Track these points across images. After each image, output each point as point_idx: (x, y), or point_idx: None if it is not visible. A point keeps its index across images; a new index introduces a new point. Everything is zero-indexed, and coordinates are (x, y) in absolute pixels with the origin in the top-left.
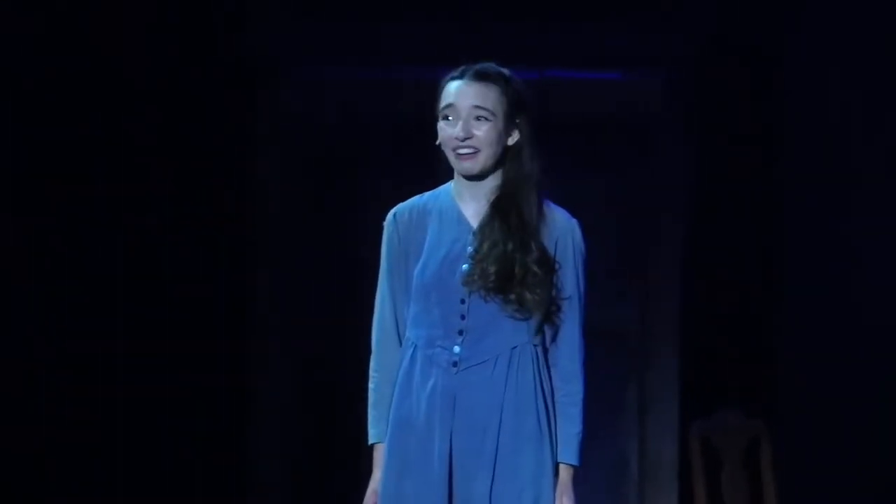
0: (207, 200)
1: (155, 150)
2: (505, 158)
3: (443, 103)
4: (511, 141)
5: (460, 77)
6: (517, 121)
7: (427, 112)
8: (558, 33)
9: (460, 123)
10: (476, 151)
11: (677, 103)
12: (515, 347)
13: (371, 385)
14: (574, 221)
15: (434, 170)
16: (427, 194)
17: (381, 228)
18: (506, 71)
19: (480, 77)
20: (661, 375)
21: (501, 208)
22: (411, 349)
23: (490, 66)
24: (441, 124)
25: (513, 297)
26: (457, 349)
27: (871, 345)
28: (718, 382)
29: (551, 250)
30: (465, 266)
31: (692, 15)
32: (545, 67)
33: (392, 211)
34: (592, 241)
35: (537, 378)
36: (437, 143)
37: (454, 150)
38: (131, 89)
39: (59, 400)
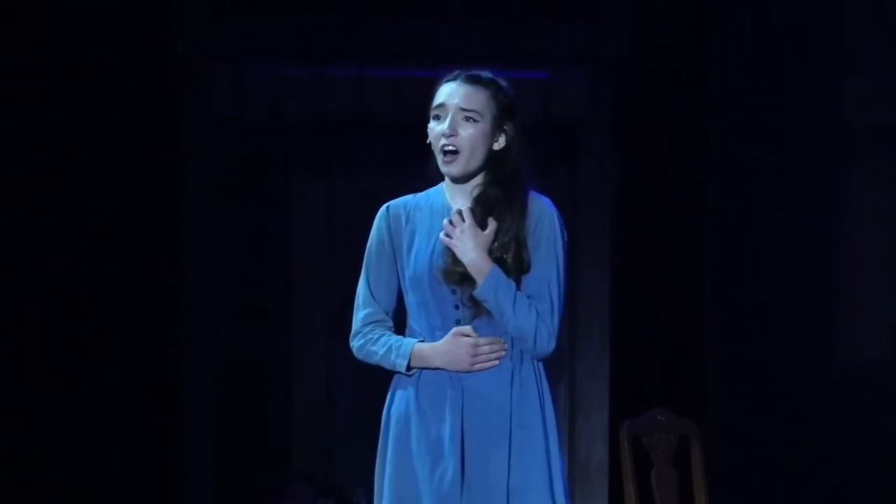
0: (131, 198)
1: (78, 148)
2: (491, 162)
3: (434, 104)
4: (497, 146)
5: (453, 80)
6: (504, 127)
7: (354, 111)
8: (485, 31)
9: (447, 122)
10: (458, 152)
11: (604, 102)
12: None
13: (370, 347)
14: (554, 209)
15: (361, 168)
16: (421, 193)
17: (306, 227)
18: (500, 79)
19: (472, 80)
20: (590, 376)
21: (481, 207)
22: (419, 340)
23: (484, 72)
24: (431, 124)
25: None
26: None
27: (800, 344)
28: (648, 382)
29: (529, 236)
30: (441, 262)
31: (619, 13)
32: (471, 65)
33: (385, 205)
34: None
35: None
36: (427, 142)
37: (441, 148)
38: (53, 87)
39: None
